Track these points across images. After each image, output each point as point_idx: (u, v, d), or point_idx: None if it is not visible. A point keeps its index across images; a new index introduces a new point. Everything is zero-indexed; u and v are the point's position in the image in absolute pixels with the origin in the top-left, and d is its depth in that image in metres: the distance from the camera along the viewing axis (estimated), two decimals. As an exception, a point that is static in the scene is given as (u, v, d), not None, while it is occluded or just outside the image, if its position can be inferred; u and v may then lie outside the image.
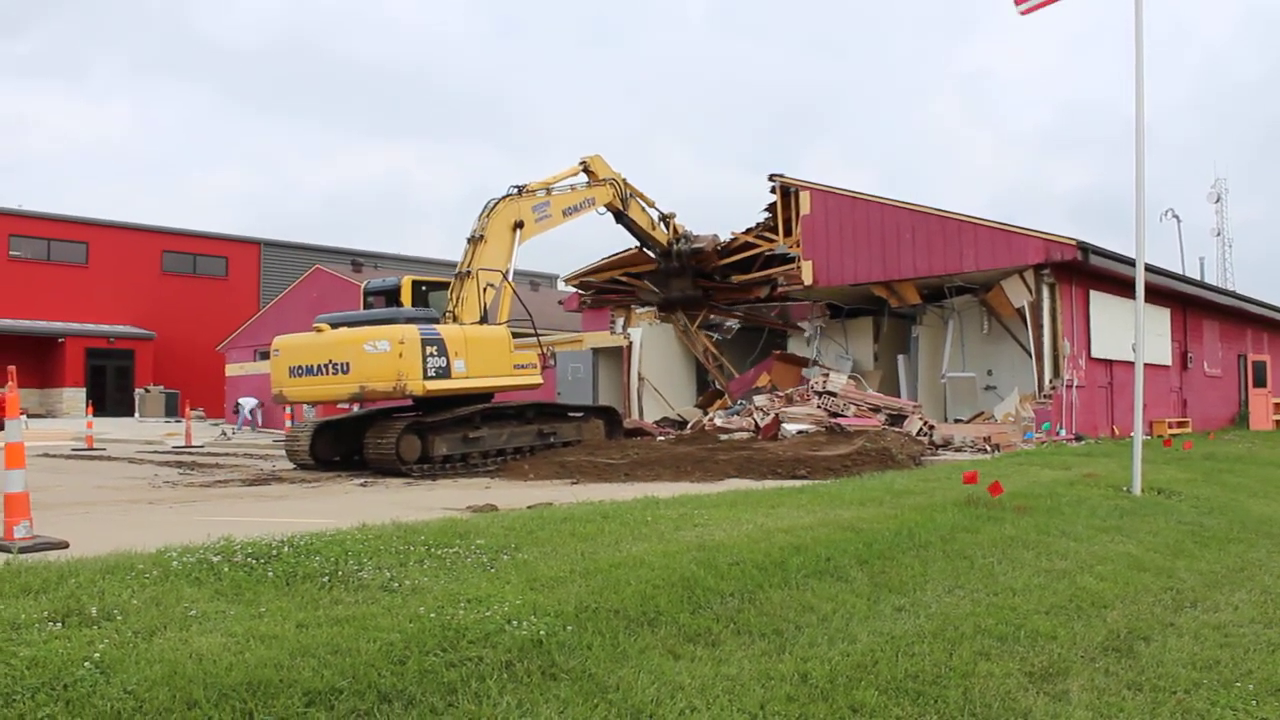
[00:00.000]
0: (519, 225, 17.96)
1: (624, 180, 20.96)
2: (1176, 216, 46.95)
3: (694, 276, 24.73)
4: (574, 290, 28.78)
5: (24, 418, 7.63)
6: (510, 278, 17.70)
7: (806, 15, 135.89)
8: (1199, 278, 39.25)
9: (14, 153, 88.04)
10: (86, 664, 3.68)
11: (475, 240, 17.41)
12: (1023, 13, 11.09)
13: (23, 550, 6.42)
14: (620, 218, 21.37)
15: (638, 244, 23.45)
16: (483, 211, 17.76)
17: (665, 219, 23.18)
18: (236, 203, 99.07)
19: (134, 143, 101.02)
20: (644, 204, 22.03)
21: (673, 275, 24.55)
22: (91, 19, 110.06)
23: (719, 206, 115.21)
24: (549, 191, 18.92)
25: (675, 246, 23.59)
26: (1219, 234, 55.02)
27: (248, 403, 34.66)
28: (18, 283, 42.35)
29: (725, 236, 24.74)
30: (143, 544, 5.89)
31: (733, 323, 27.15)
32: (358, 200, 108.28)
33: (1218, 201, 54.72)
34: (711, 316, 26.77)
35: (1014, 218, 20.83)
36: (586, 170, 20.28)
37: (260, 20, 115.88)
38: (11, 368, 8.44)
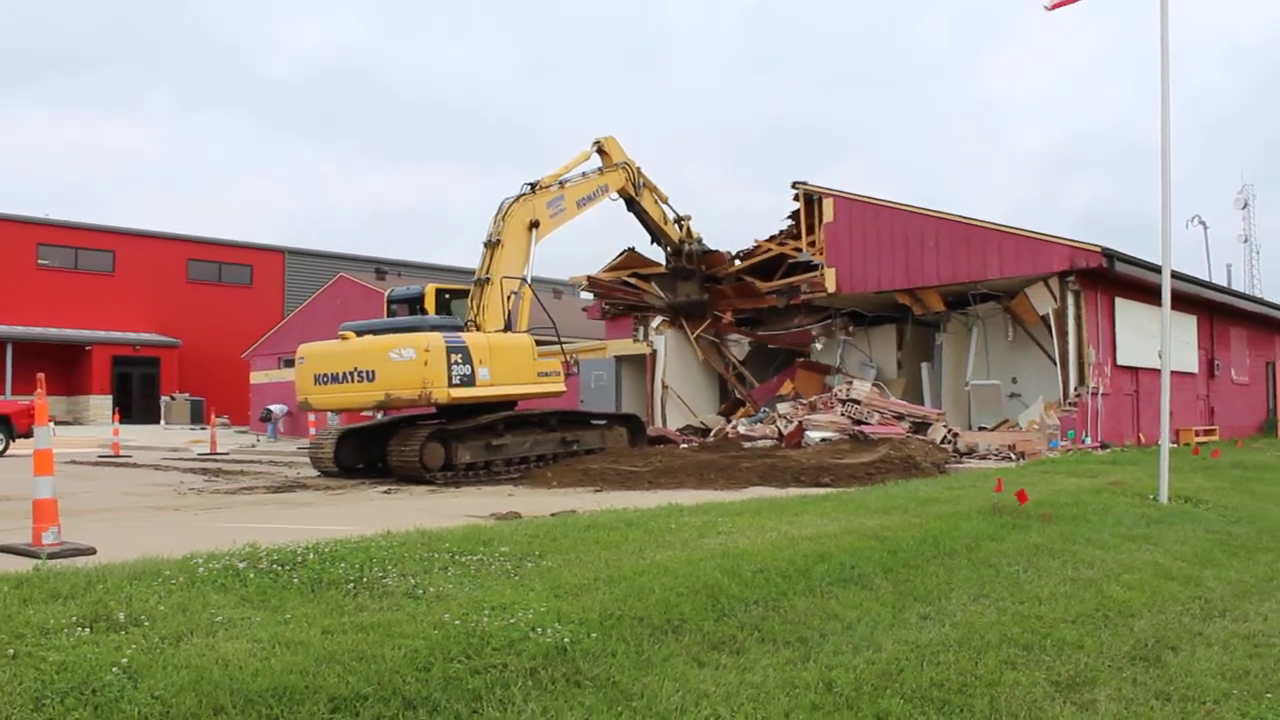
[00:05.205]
0: (535, 224, 17.73)
1: (638, 168, 20.71)
2: (1203, 223, 46.68)
3: (703, 281, 24.49)
4: (587, 292, 28.27)
5: (52, 425, 7.70)
6: (529, 281, 17.66)
7: (826, 45, 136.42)
8: (1226, 284, 38.90)
9: (68, 175, 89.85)
10: (114, 669, 3.71)
11: (492, 245, 17.21)
12: (1049, 9, 11.44)
13: (51, 556, 6.48)
14: (631, 204, 21.12)
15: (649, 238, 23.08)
16: (497, 214, 17.49)
17: (680, 220, 23.00)
18: (273, 222, 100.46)
19: (179, 167, 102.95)
20: (657, 197, 21.79)
21: (681, 278, 24.24)
22: (150, 55, 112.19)
23: (742, 224, 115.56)
24: (562, 185, 18.66)
25: (687, 246, 23.41)
26: (1246, 240, 54.36)
27: (279, 410, 34.10)
28: (45, 291, 42.76)
29: (745, 247, 24.67)
30: (169, 550, 5.93)
31: (742, 339, 26.59)
32: (391, 221, 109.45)
33: (1244, 207, 54.06)
34: (728, 335, 26.16)
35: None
36: (600, 151, 20.03)
37: (302, 56, 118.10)
38: (40, 375, 8.51)
